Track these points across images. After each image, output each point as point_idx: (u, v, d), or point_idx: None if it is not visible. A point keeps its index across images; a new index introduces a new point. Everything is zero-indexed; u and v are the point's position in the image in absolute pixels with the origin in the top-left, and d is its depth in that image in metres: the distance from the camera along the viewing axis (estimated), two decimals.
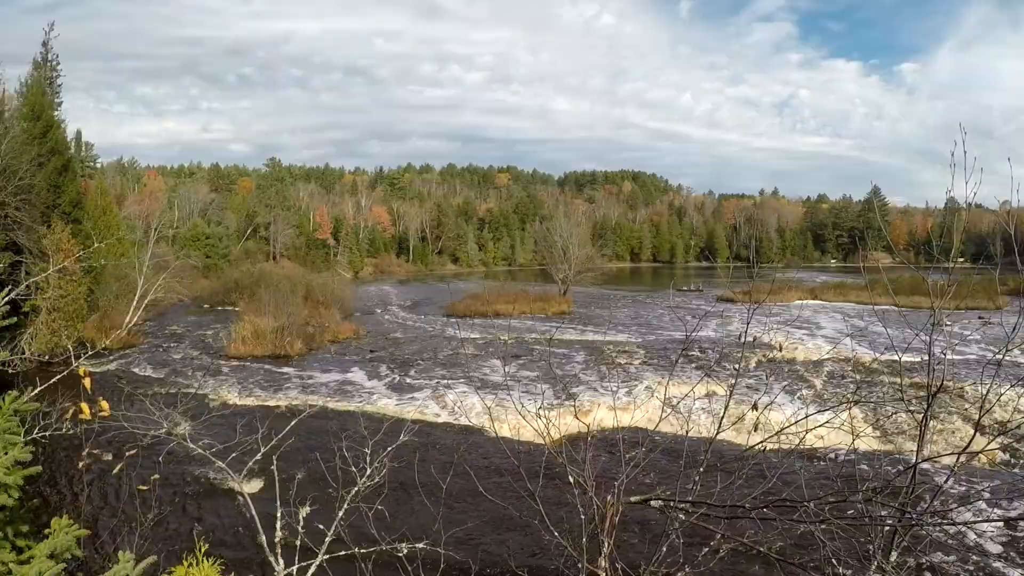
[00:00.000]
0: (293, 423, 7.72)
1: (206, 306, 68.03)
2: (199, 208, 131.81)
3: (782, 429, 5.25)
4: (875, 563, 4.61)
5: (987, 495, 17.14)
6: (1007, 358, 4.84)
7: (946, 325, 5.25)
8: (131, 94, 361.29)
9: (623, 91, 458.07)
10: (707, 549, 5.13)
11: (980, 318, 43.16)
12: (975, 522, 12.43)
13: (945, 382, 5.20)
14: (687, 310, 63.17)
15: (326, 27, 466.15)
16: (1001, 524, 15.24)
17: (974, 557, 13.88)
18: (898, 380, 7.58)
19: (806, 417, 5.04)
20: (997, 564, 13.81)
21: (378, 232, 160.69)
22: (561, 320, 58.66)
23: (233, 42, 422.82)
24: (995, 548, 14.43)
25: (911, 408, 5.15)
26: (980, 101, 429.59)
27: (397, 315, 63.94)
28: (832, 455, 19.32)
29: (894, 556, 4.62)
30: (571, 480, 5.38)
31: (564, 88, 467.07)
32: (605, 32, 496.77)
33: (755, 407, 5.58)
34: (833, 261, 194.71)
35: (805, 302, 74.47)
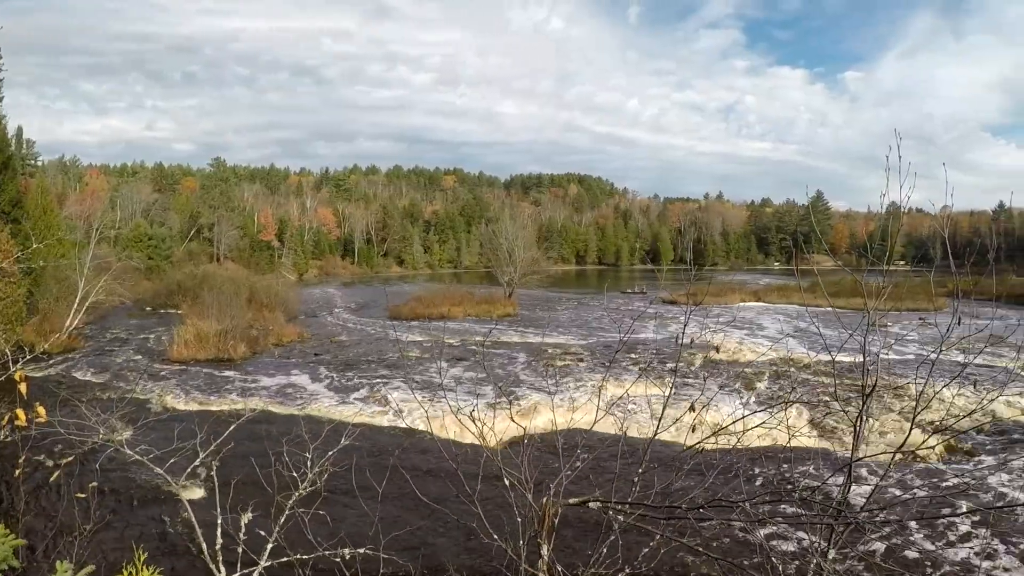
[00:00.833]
0: (232, 428, 7.65)
1: (148, 309, 67.15)
2: (142, 208, 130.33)
3: (719, 429, 5.28)
4: (814, 560, 4.69)
5: (922, 492, 17.43)
6: (946, 357, 4.97)
7: (883, 326, 5.37)
8: (74, 90, 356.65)
9: (571, 95, 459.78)
10: (647, 549, 5.18)
11: (920, 319, 43.91)
12: (912, 519, 12.66)
13: (879, 382, 5.31)
14: (628, 312, 63.59)
15: (275, 26, 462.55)
16: (940, 520, 15.52)
17: (912, 553, 14.11)
18: (837, 380, 7.71)
19: (743, 417, 5.10)
20: (933, 560, 14.05)
21: (323, 234, 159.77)
22: (506, 322, 58.77)
23: (181, 39, 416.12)
24: (932, 545, 14.69)
25: (846, 409, 5.25)
26: (922, 109, 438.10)
27: (342, 318, 63.63)
28: (770, 454, 19.56)
29: (832, 553, 4.64)
30: (507, 482, 5.36)
31: (512, 91, 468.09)
32: (554, 36, 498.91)
33: (692, 408, 5.64)
34: (776, 264, 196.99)
35: (748, 304, 75.20)
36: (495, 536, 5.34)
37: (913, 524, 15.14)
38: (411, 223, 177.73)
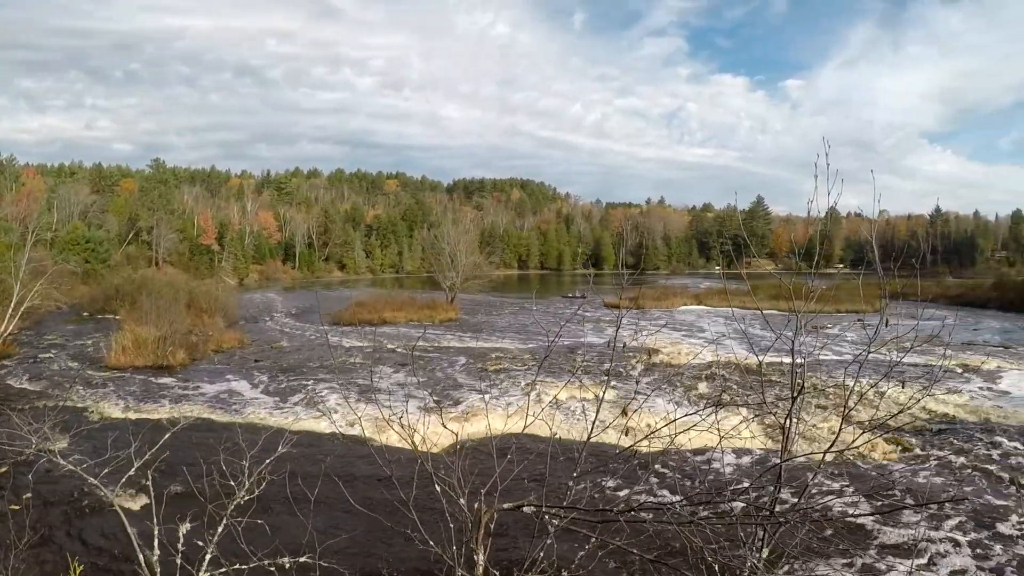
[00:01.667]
0: (167, 436, 7.58)
1: (85, 314, 66.04)
2: (79, 210, 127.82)
3: (651, 432, 5.33)
4: (749, 562, 4.74)
5: (851, 490, 17.73)
6: (885, 357, 5.14)
7: (821, 328, 5.52)
8: (12, 87, 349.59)
9: (514, 100, 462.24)
10: (583, 553, 5.24)
11: (858, 320, 44.58)
12: (842, 518, 12.89)
13: (808, 383, 5.47)
14: (570, 316, 63.77)
15: (219, 24, 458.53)
16: (872, 518, 15.78)
17: (843, 552, 14.35)
18: (776, 381, 7.88)
19: (674, 420, 5.18)
20: (867, 559, 14.30)
21: (264, 238, 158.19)
22: (448, 327, 58.78)
23: (123, 36, 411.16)
24: (863, 542, 14.94)
25: (773, 411, 5.37)
26: (862, 116, 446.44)
27: (282, 323, 63.17)
28: (704, 456, 19.79)
29: (765, 553, 4.71)
30: (438, 488, 5.41)
31: (456, 95, 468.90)
32: (499, 41, 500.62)
33: (625, 412, 5.72)
34: (717, 268, 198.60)
35: (690, 307, 75.81)
36: (431, 542, 5.38)
37: (845, 522, 15.41)
38: (353, 227, 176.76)
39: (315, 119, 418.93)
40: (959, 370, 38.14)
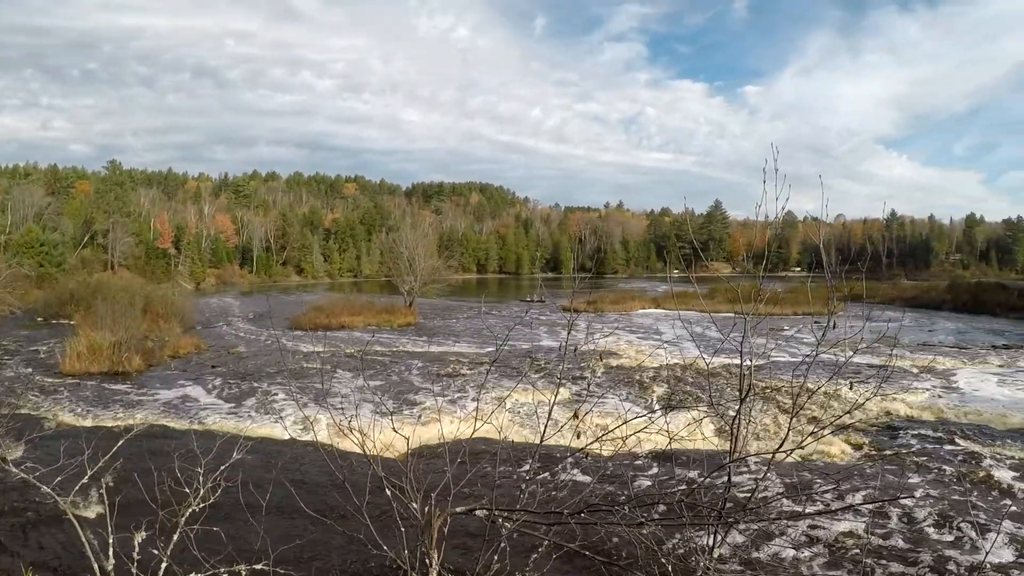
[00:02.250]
0: (121, 442, 7.56)
1: (40, 319, 65.11)
2: (34, 212, 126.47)
3: (603, 435, 5.42)
4: (702, 563, 4.79)
5: (802, 490, 17.93)
6: (837, 358, 5.29)
7: (778, 329, 5.62)
8: None
9: (474, 104, 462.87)
10: (536, 555, 5.31)
11: (815, 322, 45.09)
12: (791, 517, 13.08)
13: (760, 384, 5.58)
14: (529, 320, 64.07)
15: (178, 24, 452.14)
16: (819, 517, 15.99)
17: (791, 551, 14.53)
18: (735, 383, 8.00)
19: (625, 422, 5.27)
20: (814, 556, 14.48)
21: (221, 242, 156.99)
22: (406, 331, 58.78)
23: (81, 34, 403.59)
24: (812, 542, 15.13)
25: (720, 412, 5.50)
26: (819, 122, 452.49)
27: (240, 328, 62.72)
28: (656, 457, 19.95)
29: (717, 552, 4.73)
30: (388, 493, 5.46)
31: (415, 99, 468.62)
32: (459, 45, 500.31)
33: (576, 415, 5.80)
34: (676, 272, 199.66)
35: (648, 311, 76.18)
36: (385, 547, 5.41)
37: (793, 521, 15.61)
38: (311, 231, 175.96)
39: (274, 121, 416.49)
40: (915, 370, 38.70)
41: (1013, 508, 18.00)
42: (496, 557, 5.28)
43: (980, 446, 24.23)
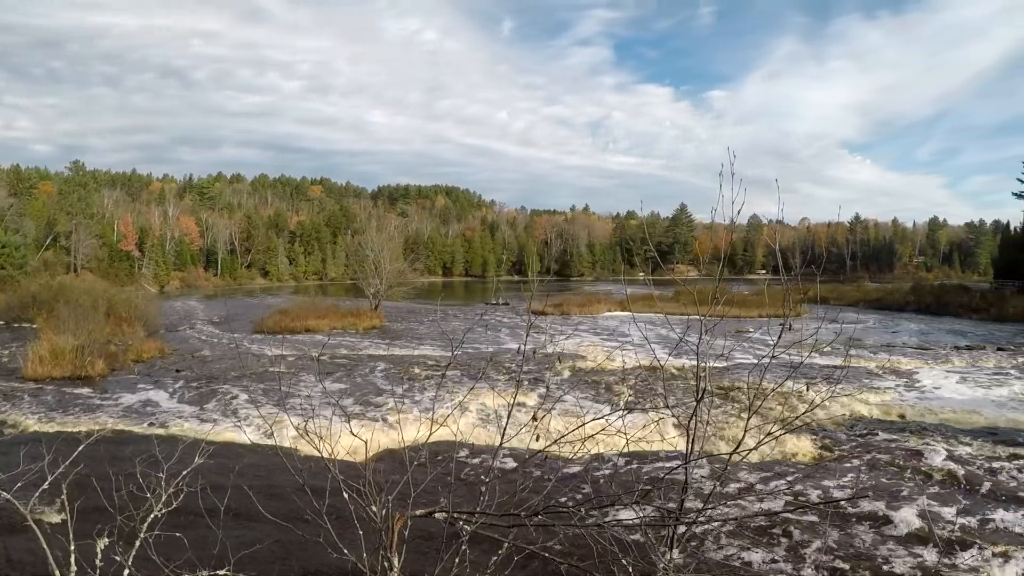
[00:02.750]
0: (81, 447, 7.48)
1: (1, 322, 64.83)
2: None
3: (562, 436, 5.46)
4: (661, 563, 4.82)
5: (761, 490, 18.07)
6: (799, 359, 5.38)
7: (744, 331, 5.68)
8: None
9: (441, 106, 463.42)
10: (496, 558, 5.34)
11: (780, 325, 45.33)
12: (749, 517, 13.20)
13: (718, 385, 5.65)
14: (494, 323, 64.19)
15: (145, 23, 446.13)
16: (776, 518, 16.11)
17: (750, 552, 14.64)
18: (701, 384, 8.08)
19: (584, 424, 5.33)
20: (777, 557, 14.59)
21: (185, 244, 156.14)
22: (372, 334, 58.71)
23: (46, 32, 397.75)
24: (769, 542, 15.26)
25: (675, 414, 5.55)
26: (784, 127, 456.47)
27: (204, 332, 62.36)
28: (615, 459, 20.05)
29: (674, 553, 4.77)
30: (346, 496, 5.48)
31: (382, 101, 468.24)
32: (427, 47, 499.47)
33: (535, 417, 5.83)
34: (642, 275, 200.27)
35: (613, 313, 76.43)
36: (346, 551, 5.43)
37: (752, 520, 15.74)
38: (276, 233, 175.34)
39: (240, 122, 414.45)
40: (879, 371, 39.16)
41: (970, 505, 18.24)
42: (457, 560, 5.32)
43: (941, 445, 24.49)
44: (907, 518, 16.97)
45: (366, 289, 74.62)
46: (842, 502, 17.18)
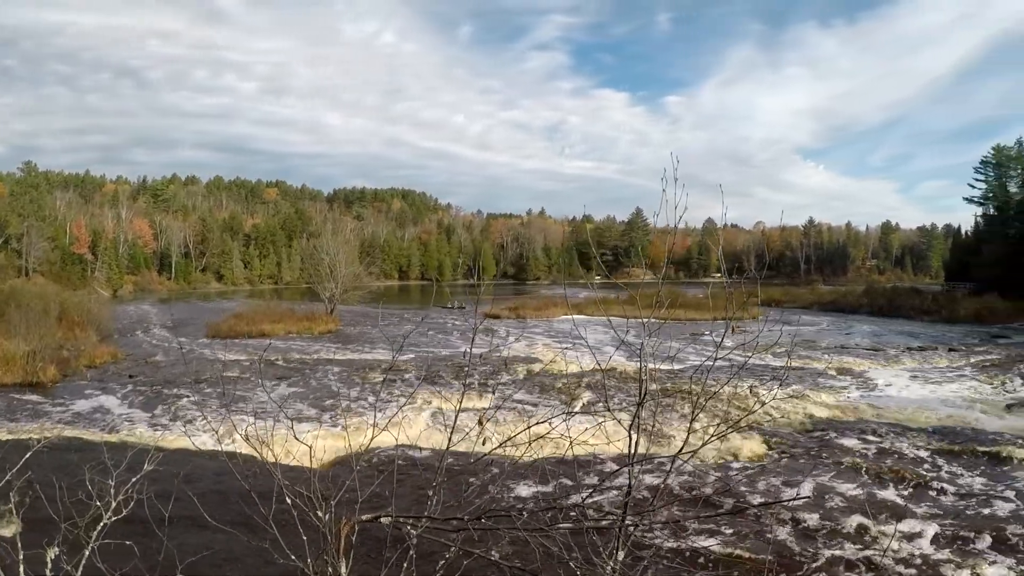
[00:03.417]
0: (28, 455, 7.41)
1: None
2: None
3: (505, 440, 5.41)
4: (609, 566, 4.91)
5: (708, 491, 18.23)
6: (755, 361, 5.47)
7: (699, 334, 5.74)
8: None
9: (398, 109, 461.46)
10: (443, 562, 5.39)
11: (734, 327, 45.70)
12: (693, 518, 13.35)
13: (659, 387, 5.71)
14: (449, 327, 64.28)
15: (102, 22, 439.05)
16: (720, 518, 16.26)
17: (697, 552, 14.78)
18: (652, 388, 8.17)
19: (528, 428, 5.31)
20: (723, 557, 14.73)
21: (139, 247, 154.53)
22: (327, 338, 58.52)
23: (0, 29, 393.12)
24: (715, 542, 15.40)
25: (617, 418, 5.62)
26: (740, 132, 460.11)
27: (158, 336, 61.77)
28: (561, 462, 20.16)
29: (621, 555, 4.72)
30: (289, 501, 5.48)
31: (339, 103, 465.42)
32: (385, 50, 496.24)
33: (481, 421, 5.87)
34: (597, 278, 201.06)
35: (569, 317, 76.63)
36: (293, 557, 5.44)
37: (698, 522, 15.90)
38: (231, 236, 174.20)
39: (195, 124, 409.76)
40: (832, 371, 39.69)
41: (916, 502, 18.51)
42: (406, 565, 5.35)
43: (892, 443, 24.85)
44: (853, 516, 17.21)
45: (321, 293, 74.26)
46: (787, 502, 17.41)
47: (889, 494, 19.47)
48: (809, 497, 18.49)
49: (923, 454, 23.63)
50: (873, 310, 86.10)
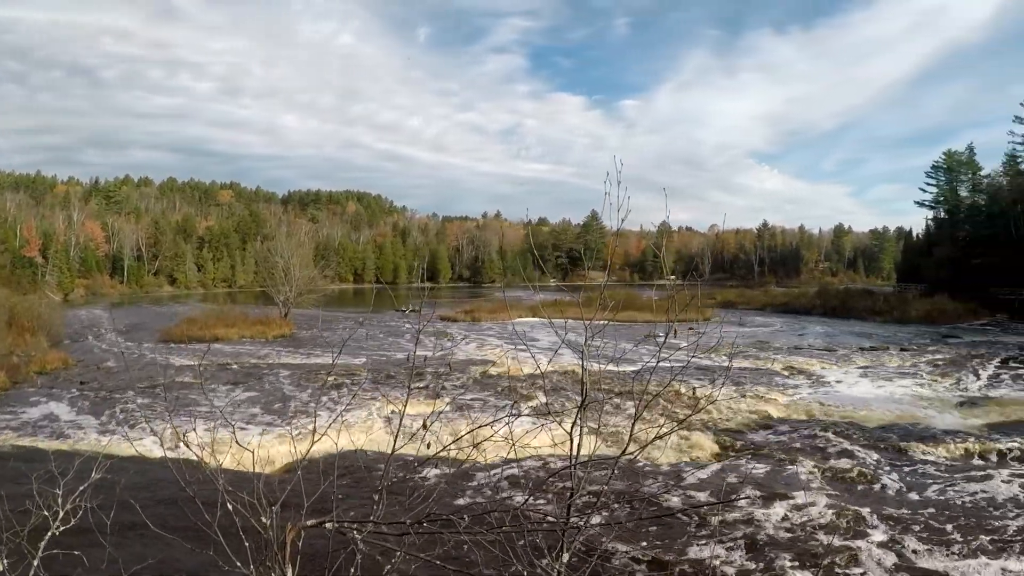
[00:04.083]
0: None
1: None
2: None
3: (450, 443, 5.52)
4: (555, 569, 4.85)
5: (654, 491, 18.34)
6: (709, 363, 5.55)
7: (654, 336, 5.78)
8: None
9: (354, 111, 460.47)
10: (388, 566, 5.40)
11: (690, 329, 46.04)
12: (636, 519, 13.44)
13: (600, 387, 5.77)
14: (404, 330, 64.23)
15: (54, 18, 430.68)
16: (666, 519, 16.38)
17: (641, 553, 14.86)
18: (605, 389, 8.23)
19: (471, 431, 5.27)
20: (668, 558, 14.82)
21: (91, 250, 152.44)
22: (282, 343, 58.25)
23: None
24: (667, 543, 15.50)
25: (560, 421, 5.65)
26: (695, 136, 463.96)
27: (110, 342, 61.12)
28: (507, 465, 20.24)
29: (566, 558, 4.76)
30: (230, 507, 5.46)
31: (295, 105, 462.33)
32: (342, 51, 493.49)
33: (424, 425, 5.90)
34: (553, 281, 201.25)
35: (524, 319, 76.67)
36: (238, 564, 5.43)
37: (642, 523, 16.01)
38: (184, 239, 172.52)
39: (149, 124, 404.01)
40: (786, 371, 40.20)
41: (863, 498, 18.72)
42: (352, 570, 5.36)
43: (844, 441, 25.21)
44: (801, 513, 17.39)
45: (275, 296, 73.78)
46: (733, 502, 17.55)
47: (838, 491, 19.71)
48: (757, 496, 18.66)
49: (873, 451, 24.00)
50: (826, 311, 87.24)
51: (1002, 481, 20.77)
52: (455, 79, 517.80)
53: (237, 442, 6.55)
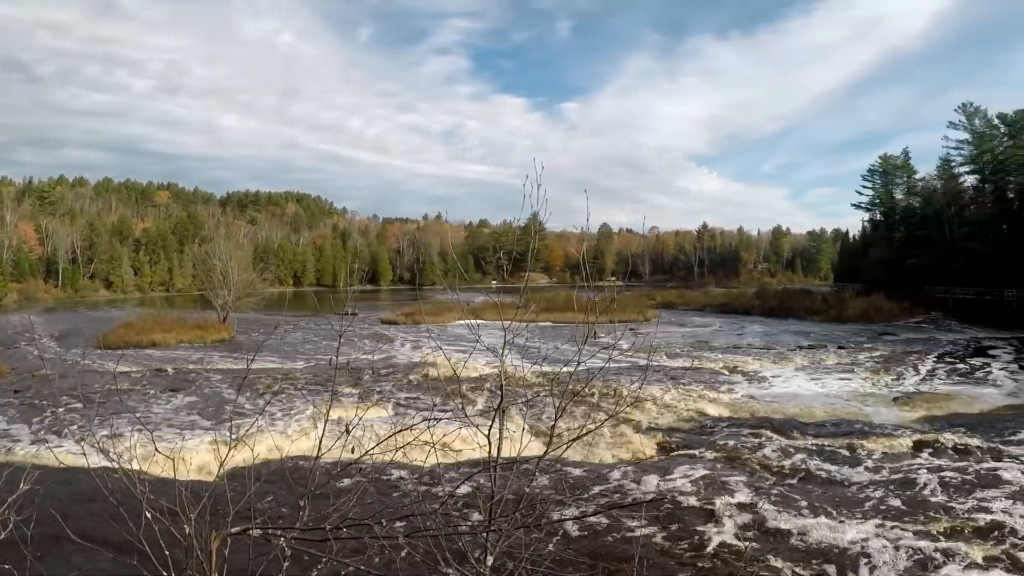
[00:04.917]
0: None
1: None
2: None
3: (373, 447, 5.52)
4: (479, 573, 4.79)
5: (579, 492, 18.46)
6: (656, 364, 5.62)
7: (595, 336, 5.80)
8: None
9: (295, 111, 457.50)
10: (315, 573, 5.41)
11: (630, 329, 46.47)
12: (562, 520, 13.56)
13: (516, 389, 5.78)
14: (330, 334, 63.89)
15: None
16: (593, 519, 16.48)
17: (568, 554, 14.91)
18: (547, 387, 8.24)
19: (393, 434, 5.30)
20: (597, 558, 14.89)
21: (24, 253, 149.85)
22: (220, 347, 57.78)
23: None
24: (592, 544, 15.58)
25: (473, 421, 5.68)
26: (636, 139, 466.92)
27: (45, 348, 60.24)
28: (429, 469, 20.24)
29: (490, 560, 4.79)
30: (148, 515, 5.43)
31: (235, 104, 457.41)
32: (283, 50, 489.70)
33: (347, 429, 5.92)
34: (494, 282, 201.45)
35: (464, 321, 76.69)
36: (164, 573, 5.41)
37: (569, 523, 16.12)
38: (120, 242, 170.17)
39: (85, 122, 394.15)
40: (725, 371, 40.68)
41: (801, 495, 18.96)
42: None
43: (782, 437, 25.50)
44: (735, 511, 17.57)
45: (214, 300, 73.03)
46: (655, 501, 17.72)
47: (774, 486, 19.87)
48: (689, 493, 18.83)
49: (811, 447, 24.28)
50: (765, 311, 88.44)
51: (928, 469, 21.16)
52: (396, 80, 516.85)
53: (157, 450, 6.52)
